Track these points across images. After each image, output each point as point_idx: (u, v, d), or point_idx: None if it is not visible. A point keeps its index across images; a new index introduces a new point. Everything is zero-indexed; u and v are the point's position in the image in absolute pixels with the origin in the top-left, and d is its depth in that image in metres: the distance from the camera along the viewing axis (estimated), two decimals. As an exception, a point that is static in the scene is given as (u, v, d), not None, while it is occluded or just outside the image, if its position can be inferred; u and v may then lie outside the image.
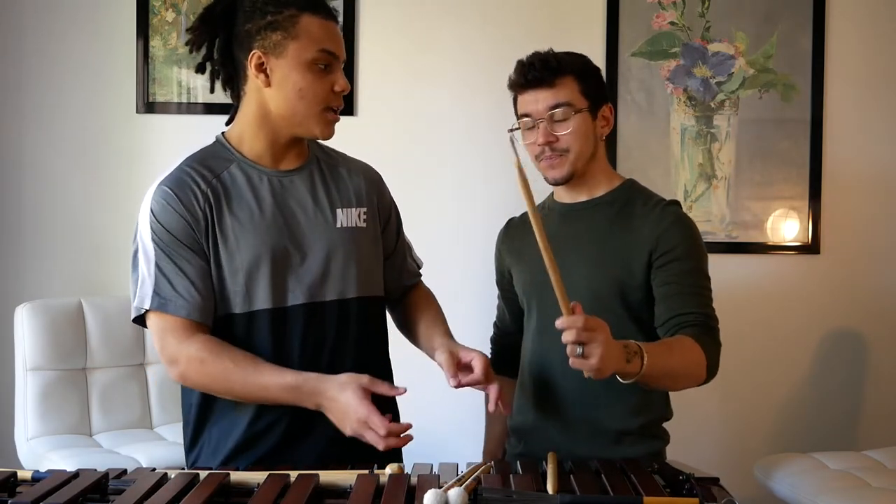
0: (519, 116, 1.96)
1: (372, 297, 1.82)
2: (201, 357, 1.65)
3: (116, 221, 3.04)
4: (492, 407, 1.70)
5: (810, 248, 3.06)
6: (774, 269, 3.06)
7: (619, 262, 1.89)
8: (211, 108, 3.03)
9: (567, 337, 1.61)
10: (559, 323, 1.59)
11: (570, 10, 3.06)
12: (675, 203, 1.96)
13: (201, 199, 1.69)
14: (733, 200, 3.06)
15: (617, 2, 3.03)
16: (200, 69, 1.81)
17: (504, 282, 2.13)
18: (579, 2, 3.07)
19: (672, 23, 3.04)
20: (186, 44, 1.79)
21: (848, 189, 3.06)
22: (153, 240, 1.68)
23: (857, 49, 3.05)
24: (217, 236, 1.69)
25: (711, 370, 1.84)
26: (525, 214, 2.10)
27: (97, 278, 3.06)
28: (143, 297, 1.68)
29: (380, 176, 1.94)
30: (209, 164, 1.74)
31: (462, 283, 2.98)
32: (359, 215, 1.82)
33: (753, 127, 3.06)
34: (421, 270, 2.03)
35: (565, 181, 1.96)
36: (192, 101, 3.04)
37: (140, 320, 1.72)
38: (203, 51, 1.79)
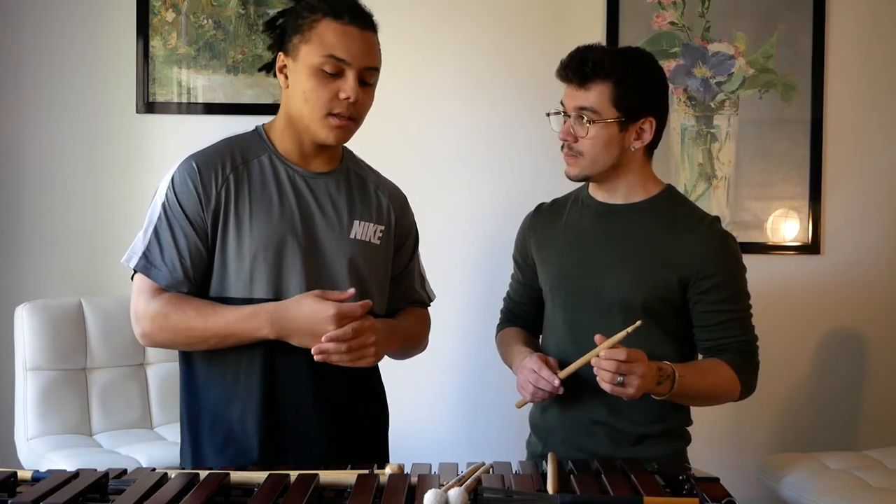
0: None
1: (368, 312, 1.81)
2: (166, 312, 1.69)
3: (116, 221, 3.05)
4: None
5: (811, 248, 3.06)
6: (775, 270, 3.06)
7: (656, 274, 1.88)
8: (211, 108, 3.04)
9: (607, 366, 1.69)
10: (603, 355, 1.71)
11: (570, 9, 3.06)
12: (718, 220, 1.95)
13: (220, 182, 1.73)
14: (733, 200, 3.06)
15: (617, 2, 3.03)
16: (267, 68, 1.84)
17: (525, 266, 2.10)
18: (579, 2, 3.06)
19: (672, 23, 3.04)
20: (269, 48, 1.82)
21: (848, 189, 3.06)
22: (163, 205, 1.73)
23: (857, 49, 3.05)
24: (230, 219, 1.73)
25: (746, 392, 1.93)
26: (555, 202, 2.09)
27: (97, 278, 3.06)
28: (132, 255, 1.74)
29: (406, 199, 1.95)
30: (243, 150, 1.78)
31: (468, 280, 2.98)
32: (375, 232, 1.83)
33: (753, 127, 3.05)
34: (431, 303, 2.01)
35: (578, 180, 1.96)
36: (192, 101, 3.05)
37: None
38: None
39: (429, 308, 2.01)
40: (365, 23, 1.74)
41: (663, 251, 1.89)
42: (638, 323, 1.73)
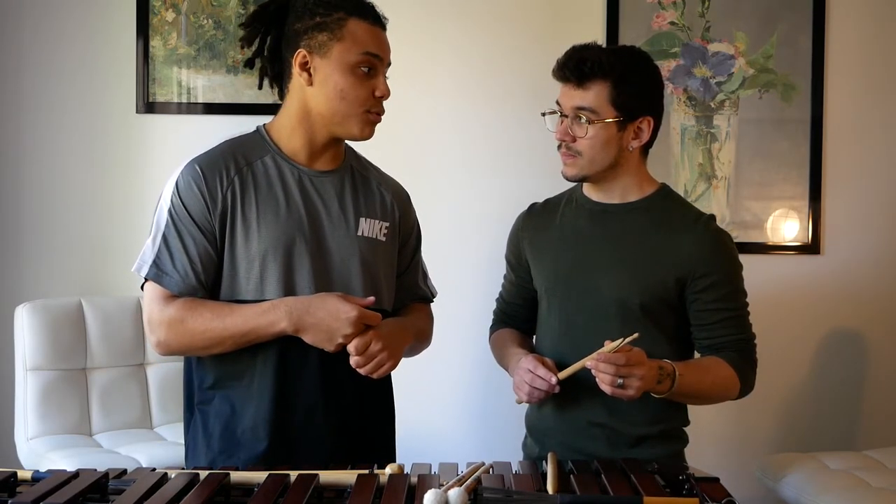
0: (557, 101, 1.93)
1: (378, 310, 1.79)
2: (181, 316, 1.68)
3: (116, 221, 3.05)
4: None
5: (811, 248, 3.06)
6: (775, 270, 3.06)
7: (653, 274, 1.88)
8: (211, 108, 3.03)
9: (606, 370, 1.69)
10: (601, 359, 1.70)
11: (569, 9, 3.06)
12: (713, 219, 1.95)
13: (226, 185, 1.72)
14: (733, 200, 3.06)
15: (617, 2, 3.03)
16: (249, 65, 1.85)
17: (519, 267, 2.09)
18: (579, 2, 3.07)
19: (672, 23, 3.04)
20: (240, 40, 1.83)
21: (848, 189, 3.06)
22: (169, 211, 1.72)
23: (857, 49, 3.05)
24: (237, 222, 1.72)
25: (745, 390, 1.93)
26: (548, 202, 2.09)
27: (97, 278, 3.06)
28: (142, 264, 1.73)
29: (408, 196, 1.96)
30: (245, 151, 1.77)
31: (469, 280, 2.98)
32: (380, 229, 1.84)
33: (753, 127, 3.05)
34: (433, 300, 2.02)
35: (576, 181, 1.96)
36: (192, 101, 3.05)
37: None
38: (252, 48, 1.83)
39: (431, 304, 2.02)
40: (383, 23, 1.78)
41: (659, 251, 1.89)
42: (635, 335, 1.74)
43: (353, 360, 1.68)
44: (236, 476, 1.51)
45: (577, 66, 1.86)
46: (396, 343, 1.73)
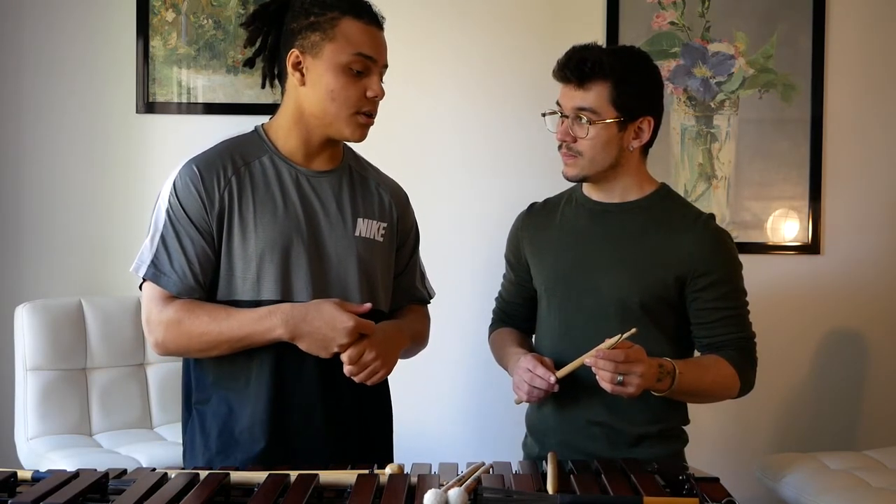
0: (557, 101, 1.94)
1: (374, 312, 1.78)
2: (179, 318, 1.68)
3: (116, 221, 3.05)
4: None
5: (811, 248, 3.06)
6: (775, 270, 3.06)
7: (653, 273, 1.88)
8: (211, 108, 3.04)
9: (605, 367, 1.70)
10: (600, 356, 1.70)
11: (569, 9, 3.06)
12: (713, 218, 1.96)
13: (223, 185, 1.72)
14: (733, 200, 3.06)
15: (617, 2, 3.03)
16: (249, 64, 1.86)
17: (518, 266, 2.09)
18: (579, 2, 3.07)
19: (672, 23, 3.04)
20: (245, 41, 1.82)
21: (848, 189, 3.06)
22: (167, 211, 1.71)
23: (857, 49, 3.05)
24: (234, 222, 1.72)
25: (745, 389, 1.93)
26: (548, 201, 2.09)
27: (97, 278, 3.06)
28: (140, 264, 1.73)
29: (407, 196, 1.95)
30: (243, 152, 1.77)
31: (469, 280, 2.98)
32: (378, 229, 1.83)
33: (753, 127, 3.05)
34: (431, 301, 2.01)
35: (576, 181, 1.96)
36: (192, 101, 3.05)
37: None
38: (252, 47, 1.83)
39: (429, 305, 2.01)
40: (380, 22, 1.77)
41: (659, 250, 1.89)
42: (633, 330, 1.73)
43: (346, 369, 1.68)
44: (236, 476, 1.51)
45: (577, 67, 1.86)
46: (391, 350, 1.74)
